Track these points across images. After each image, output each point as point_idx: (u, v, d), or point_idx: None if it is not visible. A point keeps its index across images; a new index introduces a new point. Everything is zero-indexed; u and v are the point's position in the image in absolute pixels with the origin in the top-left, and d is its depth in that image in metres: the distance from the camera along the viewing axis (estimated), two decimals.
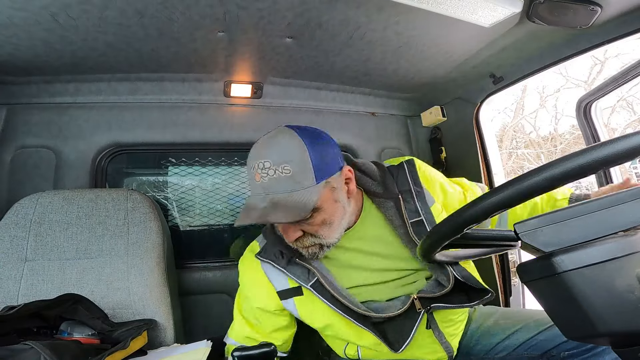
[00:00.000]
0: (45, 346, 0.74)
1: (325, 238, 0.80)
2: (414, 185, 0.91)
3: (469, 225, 0.52)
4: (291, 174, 0.73)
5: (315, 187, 0.75)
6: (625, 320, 0.42)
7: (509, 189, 0.46)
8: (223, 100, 1.52)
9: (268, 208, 0.73)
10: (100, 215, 1.15)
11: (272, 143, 0.77)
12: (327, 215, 0.79)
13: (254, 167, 0.77)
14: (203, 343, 0.97)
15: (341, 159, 0.84)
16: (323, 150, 0.78)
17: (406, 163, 0.95)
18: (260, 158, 0.75)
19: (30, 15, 0.92)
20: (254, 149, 0.80)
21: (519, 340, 0.87)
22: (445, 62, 1.32)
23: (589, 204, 0.47)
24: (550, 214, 0.48)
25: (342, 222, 0.83)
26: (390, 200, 0.89)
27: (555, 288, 0.46)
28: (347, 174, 0.83)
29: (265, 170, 0.74)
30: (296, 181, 0.74)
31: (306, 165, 0.75)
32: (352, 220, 0.89)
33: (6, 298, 1.02)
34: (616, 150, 0.40)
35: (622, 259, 0.43)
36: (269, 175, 0.74)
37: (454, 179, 1.08)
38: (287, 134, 0.78)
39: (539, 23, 0.98)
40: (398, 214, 0.88)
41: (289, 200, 0.73)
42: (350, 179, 0.84)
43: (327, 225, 0.79)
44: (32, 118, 1.35)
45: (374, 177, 0.93)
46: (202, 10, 0.96)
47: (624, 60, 6.62)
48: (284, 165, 0.73)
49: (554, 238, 0.47)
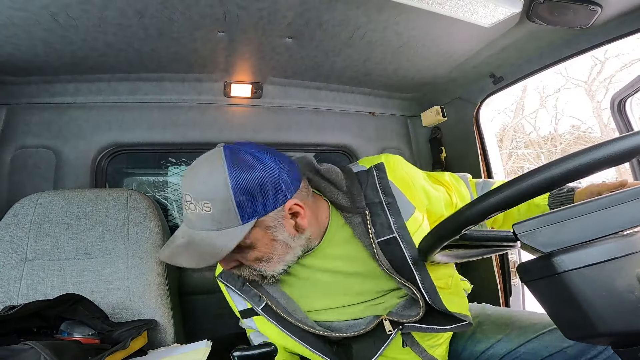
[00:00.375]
0: (45, 346, 0.74)
1: (266, 270, 0.75)
2: (384, 196, 0.79)
3: (469, 225, 0.52)
4: (211, 212, 0.66)
5: (240, 228, 0.67)
6: (625, 320, 0.42)
7: (509, 189, 0.45)
8: (223, 100, 1.52)
9: (180, 247, 0.69)
10: (100, 215, 1.15)
11: (195, 174, 0.70)
12: (261, 254, 0.73)
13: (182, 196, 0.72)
14: (203, 343, 0.97)
15: (289, 189, 0.71)
16: (256, 185, 0.67)
17: (375, 169, 0.83)
18: (184, 189, 0.70)
19: (30, 15, 0.92)
20: (183, 176, 0.73)
21: (502, 350, 0.84)
22: (445, 62, 1.32)
23: (589, 204, 0.47)
24: (550, 215, 0.48)
25: (286, 256, 0.75)
26: (357, 216, 0.79)
27: (555, 288, 0.46)
28: (294, 208, 0.72)
29: (187, 203, 0.69)
30: (216, 220, 0.67)
31: (227, 205, 0.66)
32: (315, 240, 0.81)
33: (6, 298, 1.02)
34: (614, 151, 0.40)
35: (622, 259, 0.43)
36: (190, 210, 0.68)
37: (433, 176, 0.97)
38: (212, 165, 0.68)
39: (539, 23, 0.98)
40: (365, 232, 0.78)
41: (205, 240, 0.68)
42: (298, 213, 0.73)
43: (263, 261, 0.74)
44: (32, 118, 1.35)
45: (339, 187, 0.82)
46: (202, 10, 0.96)
47: (624, 61, 6.61)
48: (204, 202, 0.66)
49: (552, 238, 0.47)
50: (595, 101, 7.39)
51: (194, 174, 0.70)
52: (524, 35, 1.10)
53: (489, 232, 0.56)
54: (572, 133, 8.09)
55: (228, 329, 1.47)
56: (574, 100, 13.28)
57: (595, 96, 7.40)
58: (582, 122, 8.06)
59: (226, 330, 1.46)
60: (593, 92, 7.40)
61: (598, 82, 7.34)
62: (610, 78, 7.11)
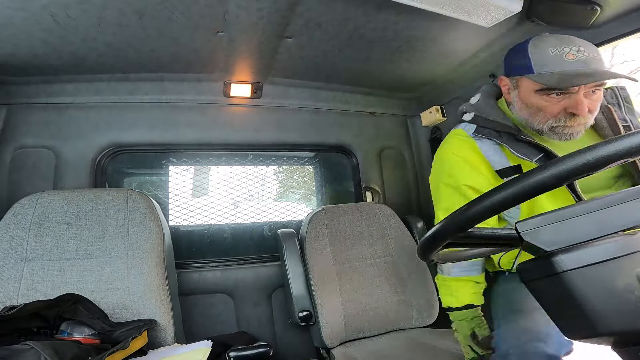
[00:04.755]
0: (46, 346, 0.74)
1: (589, 120, 0.88)
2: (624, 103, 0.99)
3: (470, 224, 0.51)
4: (598, 57, 0.85)
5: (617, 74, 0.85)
6: (625, 320, 0.42)
7: (511, 188, 0.45)
8: (223, 100, 1.52)
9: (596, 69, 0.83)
10: (100, 216, 1.15)
11: (575, 40, 0.86)
12: (602, 94, 0.88)
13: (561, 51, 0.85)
14: (203, 343, 0.97)
15: None
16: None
17: (619, 87, 1.01)
18: (571, 44, 0.85)
19: (30, 15, 0.92)
20: (548, 39, 0.87)
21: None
22: (445, 62, 1.32)
23: (592, 203, 0.47)
24: (553, 213, 0.48)
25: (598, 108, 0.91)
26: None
27: (555, 288, 0.46)
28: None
29: (581, 52, 0.84)
30: (602, 60, 0.85)
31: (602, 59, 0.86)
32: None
33: (6, 298, 1.02)
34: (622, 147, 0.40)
35: (621, 258, 0.43)
36: (586, 56, 0.84)
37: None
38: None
39: (538, 23, 0.98)
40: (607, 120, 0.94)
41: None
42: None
43: (599, 104, 0.89)
44: (32, 118, 1.35)
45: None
46: (202, 10, 0.96)
47: (630, 67, 6.57)
48: (593, 52, 0.85)
49: (555, 237, 0.47)
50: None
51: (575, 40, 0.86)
52: (524, 35, 1.09)
53: (492, 230, 0.56)
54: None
55: (228, 329, 1.47)
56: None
57: None
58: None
59: (226, 330, 1.46)
60: None
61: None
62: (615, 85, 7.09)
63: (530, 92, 0.90)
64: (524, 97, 0.92)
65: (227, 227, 1.80)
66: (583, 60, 0.84)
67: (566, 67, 0.84)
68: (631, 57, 5.75)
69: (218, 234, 1.79)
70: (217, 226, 1.78)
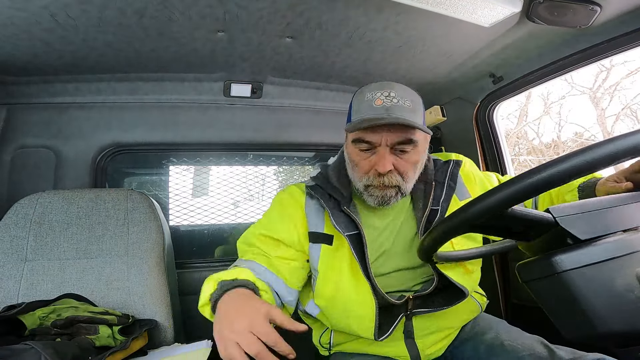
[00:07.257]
0: (46, 346, 0.74)
1: (406, 182, 0.83)
2: (449, 180, 0.91)
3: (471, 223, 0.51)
4: (411, 107, 0.80)
5: (421, 126, 0.80)
6: (625, 320, 0.42)
7: (518, 184, 0.45)
8: (223, 100, 1.52)
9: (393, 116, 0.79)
10: (100, 215, 1.15)
11: (394, 86, 0.83)
12: (417, 156, 0.83)
13: (373, 96, 0.81)
14: (203, 343, 0.97)
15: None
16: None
17: (454, 162, 0.94)
18: (384, 89, 0.81)
19: (30, 15, 0.92)
20: (371, 86, 0.84)
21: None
22: (445, 62, 1.32)
23: (627, 195, 0.47)
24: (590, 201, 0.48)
25: (416, 174, 0.85)
26: (421, 183, 0.90)
27: (555, 288, 0.46)
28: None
29: (390, 98, 0.80)
30: (413, 111, 0.80)
31: (420, 108, 0.83)
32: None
33: (6, 298, 1.02)
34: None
35: (621, 258, 0.43)
36: (392, 103, 0.79)
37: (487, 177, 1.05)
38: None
39: (538, 23, 0.98)
40: (423, 199, 0.89)
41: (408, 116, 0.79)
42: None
43: (413, 167, 0.83)
44: (32, 118, 1.35)
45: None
46: (202, 10, 0.96)
47: (630, 68, 6.57)
48: (405, 99, 0.80)
49: (593, 226, 0.46)
50: (599, 108, 7.33)
51: (392, 85, 0.83)
52: (524, 35, 1.10)
53: (528, 212, 0.51)
54: (575, 140, 8.06)
55: None
56: (578, 108, 13.20)
57: (600, 103, 7.33)
58: (585, 130, 8.01)
59: None
60: (598, 100, 7.34)
61: (603, 89, 7.27)
62: (615, 85, 7.07)
63: (349, 145, 0.85)
64: (348, 151, 0.88)
65: (227, 227, 1.80)
66: (387, 107, 0.78)
67: (370, 112, 0.79)
68: (631, 57, 5.72)
69: (218, 234, 1.79)
70: (217, 226, 1.78)
